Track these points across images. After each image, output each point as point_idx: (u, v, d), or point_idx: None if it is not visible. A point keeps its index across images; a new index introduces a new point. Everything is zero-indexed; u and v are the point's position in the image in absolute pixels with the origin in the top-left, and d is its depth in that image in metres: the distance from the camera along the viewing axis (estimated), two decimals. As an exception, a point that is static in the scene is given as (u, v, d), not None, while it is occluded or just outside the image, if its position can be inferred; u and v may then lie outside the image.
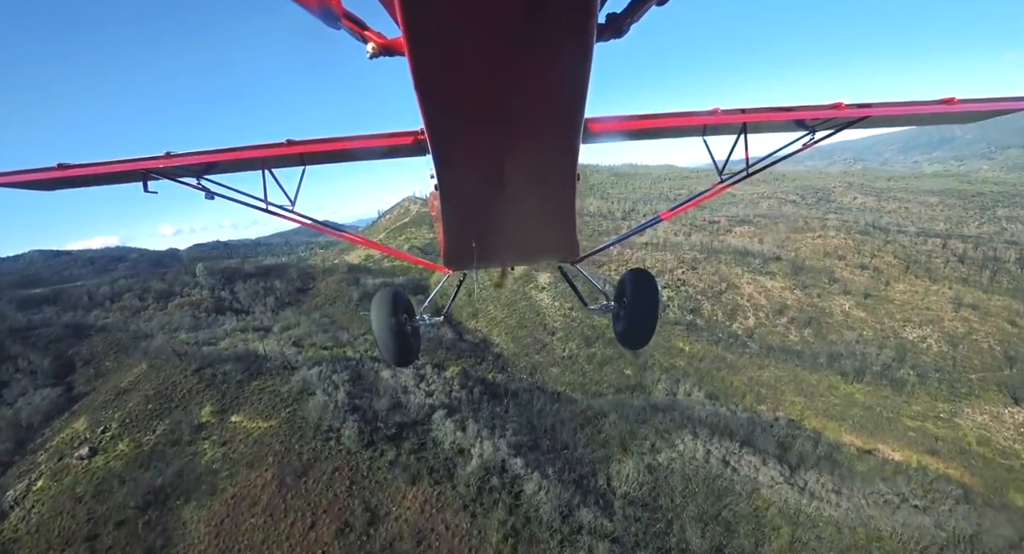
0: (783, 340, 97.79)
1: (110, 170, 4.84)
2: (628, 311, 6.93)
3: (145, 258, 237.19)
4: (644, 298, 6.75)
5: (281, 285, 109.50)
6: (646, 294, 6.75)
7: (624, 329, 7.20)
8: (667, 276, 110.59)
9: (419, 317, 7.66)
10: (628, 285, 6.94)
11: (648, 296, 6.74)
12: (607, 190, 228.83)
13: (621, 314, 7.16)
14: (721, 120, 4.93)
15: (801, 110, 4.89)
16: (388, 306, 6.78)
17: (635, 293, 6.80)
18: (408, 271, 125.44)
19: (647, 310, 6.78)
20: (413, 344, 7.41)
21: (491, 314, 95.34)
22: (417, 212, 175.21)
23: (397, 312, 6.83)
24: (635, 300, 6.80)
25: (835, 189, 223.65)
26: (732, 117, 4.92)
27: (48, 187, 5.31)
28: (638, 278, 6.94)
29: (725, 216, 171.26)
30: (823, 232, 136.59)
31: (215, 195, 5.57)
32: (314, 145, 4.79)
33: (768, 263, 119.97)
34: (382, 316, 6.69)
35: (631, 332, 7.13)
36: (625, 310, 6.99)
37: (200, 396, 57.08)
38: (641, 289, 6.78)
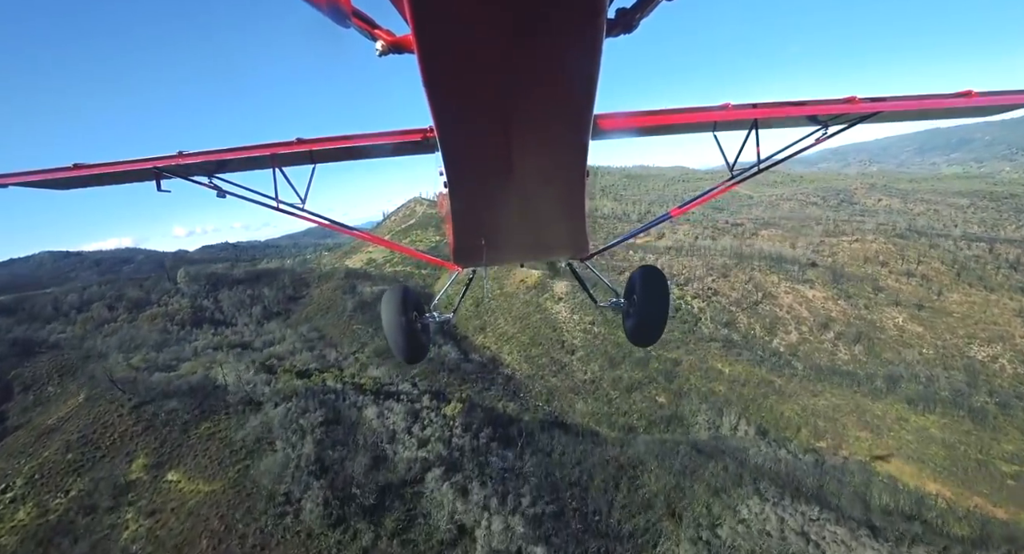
0: (832, 359, 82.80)
1: (124, 169, 4.74)
2: (638, 308, 6.37)
3: (151, 260, 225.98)
4: (654, 295, 6.24)
5: (270, 293, 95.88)
6: (656, 291, 6.24)
7: (634, 326, 6.53)
8: (696, 284, 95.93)
9: (429, 314, 6.80)
10: (638, 282, 6.40)
11: (658, 293, 6.24)
12: (620, 192, 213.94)
13: (631, 311, 6.56)
14: (732, 116, 4.64)
15: (813, 105, 4.54)
16: (398, 303, 6.21)
17: (645, 290, 6.29)
18: (411, 277, 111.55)
19: (657, 307, 6.23)
20: (423, 341, 6.59)
21: (501, 328, 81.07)
22: (423, 214, 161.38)
23: (407, 309, 6.23)
24: (645, 297, 6.29)
25: (857, 191, 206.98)
26: (743, 112, 4.60)
27: (64, 186, 5.25)
28: (648, 275, 6.38)
29: (748, 218, 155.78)
30: (860, 236, 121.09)
31: (227, 193, 5.42)
32: (324, 143, 4.64)
33: (804, 270, 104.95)
34: (392, 313, 6.17)
35: (641, 329, 6.47)
36: (635, 307, 6.42)
37: (134, 443, 43.42)
38: (651, 286, 6.27)
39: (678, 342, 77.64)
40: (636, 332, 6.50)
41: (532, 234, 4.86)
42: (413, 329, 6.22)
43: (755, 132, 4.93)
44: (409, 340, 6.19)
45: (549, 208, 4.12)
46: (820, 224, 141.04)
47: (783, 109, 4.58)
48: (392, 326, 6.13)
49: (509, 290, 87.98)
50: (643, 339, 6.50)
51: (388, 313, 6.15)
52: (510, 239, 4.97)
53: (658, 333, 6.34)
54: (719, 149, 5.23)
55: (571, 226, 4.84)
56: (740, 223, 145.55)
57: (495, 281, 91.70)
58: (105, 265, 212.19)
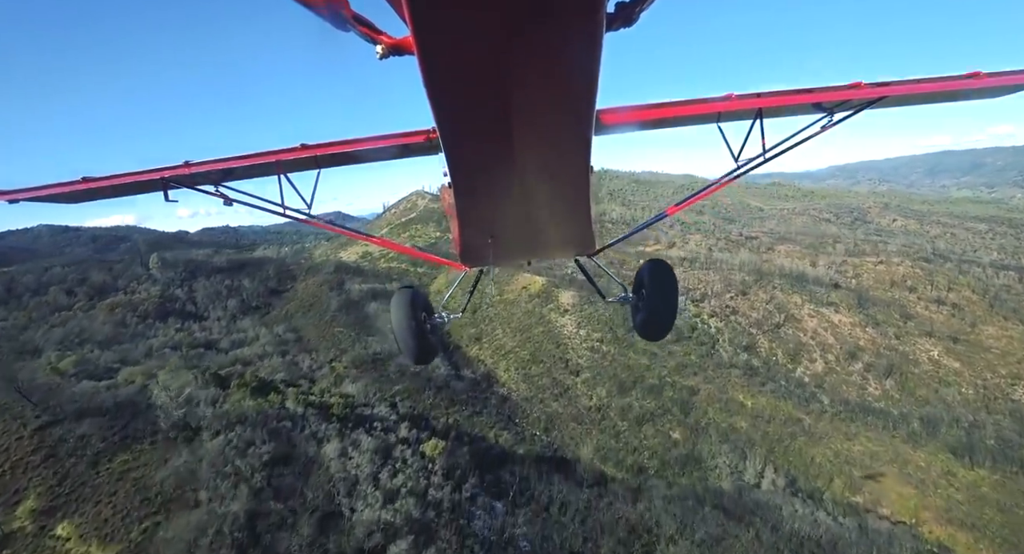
0: (861, 393, 72.79)
1: (132, 181, 4.69)
2: (647, 302, 6.20)
3: (147, 239, 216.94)
4: (663, 289, 6.05)
5: (251, 285, 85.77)
6: (665, 285, 6.05)
7: (643, 320, 6.35)
8: (713, 302, 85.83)
9: (438, 315, 6.80)
10: (647, 276, 6.24)
11: (667, 287, 6.06)
12: (628, 197, 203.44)
13: (640, 305, 6.37)
14: (736, 106, 4.44)
15: (818, 92, 4.36)
16: (408, 306, 6.15)
17: (654, 284, 6.10)
18: (405, 274, 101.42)
19: (666, 301, 6.06)
20: (432, 342, 6.54)
21: (498, 340, 70.93)
22: (425, 207, 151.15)
23: (416, 311, 6.18)
24: (654, 291, 6.10)
25: (871, 209, 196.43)
26: (747, 102, 4.40)
27: (74, 200, 5.21)
28: (656, 269, 6.20)
29: (761, 231, 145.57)
30: (885, 258, 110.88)
31: (233, 201, 5.32)
32: (328, 148, 4.57)
33: (828, 291, 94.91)
34: (402, 316, 6.10)
35: (650, 323, 6.30)
36: (644, 301, 6.25)
37: (27, 477, 33.46)
38: (660, 280, 6.08)
39: (695, 368, 67.54)
40: (645, 327, 6.23)
41: (539, 231, 4.61)
42: (423, 330, 6.08)
43: (760, 122, 4.63)
44: (419, 342, 6.03)
45: (555, 205, 3.93)
46: (839, 242, 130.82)
47: (788, 97, 4.38)
48: (402, 328, 5.96)
49: (510, 297, 77.80)
50: (653, 334, 6.25)
51: (398, 315, 5.96)
52: (517, 237, 4.70)
53: (668, 327, 6.10)
54: (723, 140, 5.01)
55: (577, 222, 4.51)
56: (755, 236, 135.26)
57: (496, 285, 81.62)
58: (101, 242, 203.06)
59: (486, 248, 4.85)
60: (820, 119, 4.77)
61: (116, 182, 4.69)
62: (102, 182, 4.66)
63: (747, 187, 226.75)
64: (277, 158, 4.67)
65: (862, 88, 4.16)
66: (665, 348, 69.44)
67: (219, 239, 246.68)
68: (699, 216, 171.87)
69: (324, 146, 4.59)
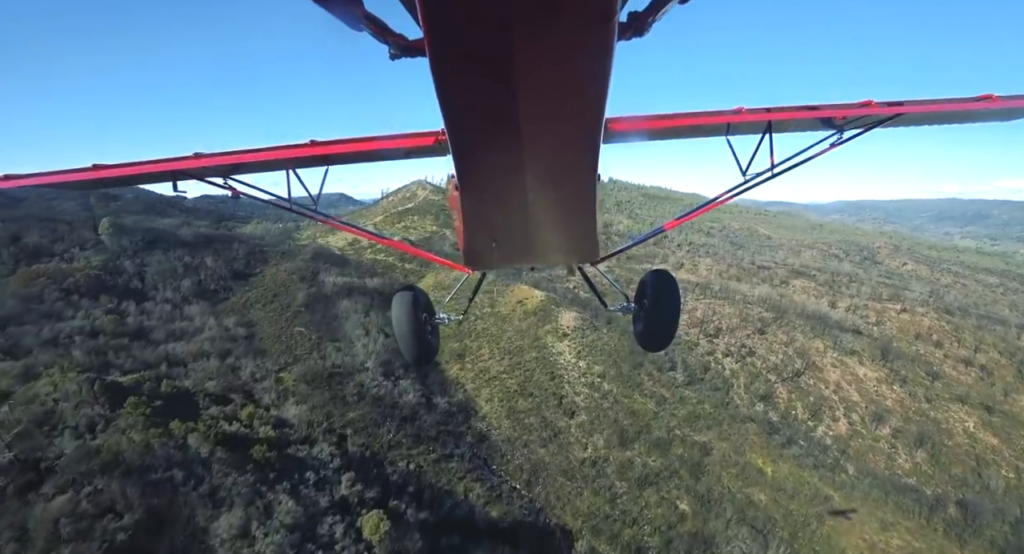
0: (890, 464, 61.78)
1: (142, 171, 4.55)
2: (648, 312, 5.97)
3: (141, 200, 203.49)
4: (665, 299, 5.79)
5: (213, 264, 73.51)
6: (667, 295, 5.80)
7: (644, 330, 6.13)
8: (728, 338, 74.58)
9: (439, 316, 6.63)
10: (649, 286, 5.99)
11: (669, 297, 5.80)
12: (635, 210, 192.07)
13: (641, 315, 6.16)
14: (745, 119, 4.26)
15: (829, 108, 4.19)
16: (409, 305, 5.96)
17: (656, 294, 5.86)
18: (391, 270, 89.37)
19: (668, 311, 5.80)
20: (432, 343, 6.42)
21: (483, 361, 59.10)
22: (425, 199, 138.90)
23: (418, 311, 6.01)
24: (656, 301, 5.85)
25: (880, 250, 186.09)
26: (757, 116, 4.22)
27: (85, 188, 5.11)
28: (659, 279, 5.96)
29: (773, 261, 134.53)
30: (908, 306, 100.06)
31: (241, 195, 5.26)
32: (337, 146, 4.40)
33: (849, 337, 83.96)
34: (403, 315, 5.94)
35: (651, 333, 6.08)
36: (645, 311, 6.02)
37: None
38: (662, 290, 5.83)
39: (709, 419, 56.08)
40: (646, 336, 6.07)
41: (543, 237, 4.33)
42: (423, 331, 5.96)
43: (769, 136, 4.49)
44: (420, 342, 5.93)
45: (560, 211, 3.81)
46: (854, 281, 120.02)
47: (798, 112, 4.20)
48: (403, 328, 5.85)
49: (502, 311, 65.99)
50: (653, 344, 6.08)
51: (399, 315, 5.84)
52: (521, 242, 4.44)
53: (669, 338, 5.94)
54: (732, 153, 4.80)
55: (582, 229, 4.41)
56: (767, 266, 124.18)
57: (487, 294, 69.84)
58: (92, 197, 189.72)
59: (490, 252, 4.74)
60: (830, 136, 4.60)
61: (126, 172, 4.49)
62: (112, 171, 4.44)
63: (756, 214, 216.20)
64: (286, 154, 4.47)
65: (873, 106, 3.94)
66: (676, 392, 57.98)
67: (218, 207, 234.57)
68: (708, 238, 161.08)
69: (334, 144, 4.35)
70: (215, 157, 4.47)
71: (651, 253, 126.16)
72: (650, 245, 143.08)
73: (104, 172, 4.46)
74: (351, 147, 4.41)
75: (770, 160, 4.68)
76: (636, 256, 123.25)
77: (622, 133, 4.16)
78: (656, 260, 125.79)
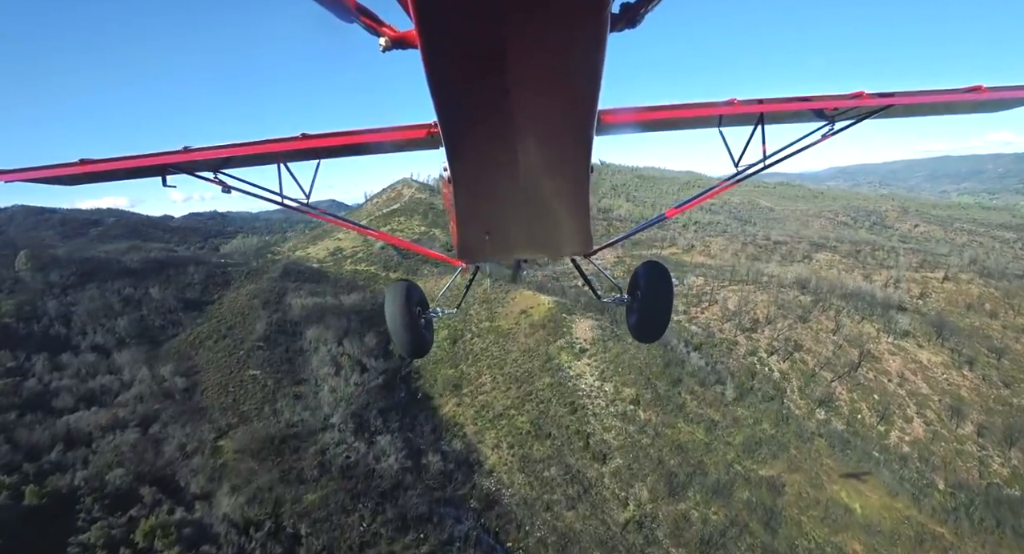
0: (984, 472, 49.27)
1: (130, 165, 4.35)
2: (641, 303, 5.71)
3: (123, 224, 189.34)
4: (658, 291, 5.59)
5: (160, 295, 60.09)
6: (660, 287, 5.59)
7: (637, 322, 5.84)
8: (768, 332, 61.65)
9: (432, 310, 6.33)
10: (642, 278, 5.76)
11: (662, 289, 5.58)
12: (632, 192, 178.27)
13: (634, 306, 5.88)
14: (738, 110, 4.13)
15: (821, 100, 4.03)
16: (403, 299, 5.68)
17: (649, 285, 5.64)
18: (374, 281, 75.89)
19: (660, 303, 5.57)
20: (426, 336, 6.08)
21: (485, 393, 45.99)
22: (411, 198, 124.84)
23: (411, 305, 5.72)
24: (649, 293, 5.64)
25: (888, 213, 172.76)
26: (749, 107, 4.08)
27: (71, 182, 4.80)
28: (652, 271, 5.75)
29: (788, 235, 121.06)
30: (950, 273, 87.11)
31: (231, 189, 4.90)
32: (329, 139, 4.22)
33: (897, 316, 71.27)
34: (397, 309, 5.64)
35: (644, 325, 5.78)
36: (638, 302, 5.76)
37: None
38: (654, 281, 5.63)
39: (772, 444, 43.25)
40: (639, 328, 5.78)
41: (537, 229, 4.24)
42: (417, 325, 5.78)
43: (761, 128, 4.31)
44: (414, 336, 5.74)
45: (553, 203, 3.68)
46: (878, 250, 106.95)
47: (790, 104, 4.13)
48: (396, 321, 5.63)
49: (503, 326, 52.78)
50: (646, 335, 5.77)
51: (393, 308, 5.61)
52: (514, 234, 4.35)
53: (662, 329, 5.66)
54: (724, 145, 4.65)
55: (575, 221, 4.19)
56: (783, 241, 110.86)
57: (484, 305, 56.72)
58: (70, 226, 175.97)
59: (483, 244, 4.54)
60: (821, 127, 4.41)
61: (114, 166, 4.25)
62: (100, 165, 4.19)
63: (755, 187, 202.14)
64: (278, 148, 4.27)
65: (864, 98, 3.78)
66: (727, 411, 45.09)
67: (204, 225, 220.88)
68: (714, 216, 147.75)
69: (325, 137, 4.18)
70: (205, 151, 4.19)
71: (659, 237, 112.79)
72: (654, 227, 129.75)
73: (91, 166, 4.17)
74: (342, 140, 4.21)
75: (762, 151, 4.46)
76: (643, 241, 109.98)
77: (615, 125, 3.96)
78: (664, 243, 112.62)
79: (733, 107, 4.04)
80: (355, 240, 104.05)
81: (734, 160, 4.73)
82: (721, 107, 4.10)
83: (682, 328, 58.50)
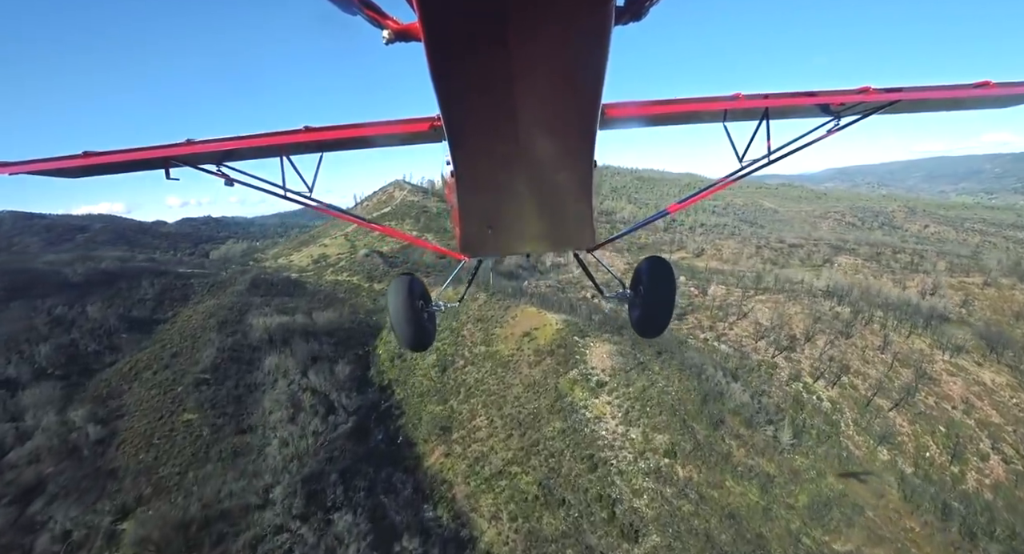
0: (1087, 524, 39.87)
1: (133, 158, 4.17)
2: (644, 299, 5.42)
3: (110, 230, 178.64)
4: (660, 286, 5.29)
5: (101, 314, 49.84)
6: (662, 282, 5.29)
7: (639, 317, 5.52)
8: (809, 351, 51.89)
9: (435, 303, 6.02)
10: (644, 273, 5.45)
11: (664, 284, 5.28)
12: (633, 194, 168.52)
13: (637, 302, 5.57)
14: (743, 105, 3.91)
15: (826, 95, 3.85)
16: (405, 292, 5.47)
17: (651, 281, 5.32)
18: (356, 294, 65.69)
19: (663, 298, 5.30)
20: (429, 329, 5.82)
21: (480, 441, 35.77)
22: (403, 201, 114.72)
23: (414, 298, 5.52)
24: (651, 288, 5.33)
25: (896, 213, 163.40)
26: (754, 102, 3.88)
27: (74, 174, 4.62)
28: (654, 266, 5.43)
29: (804, 238, 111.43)
30: (987, 277, 77.67)
31: (234, 181, 4.68)
32: (332, 132, 4.04)
33: (945, 328, 61.69)
34: (399, 302, 5.42)
35: (646, 320, 5.49)
36: (641, 298, 5.47)
37: None
38: (657, 277, 5.32)
39: (841, 502, 33.16)
40: (642, 323, 5.51)
41: (540, 223, 4.08)
42: (420, 318, 5.57)
43: (766, 123, 4.13)
44: (416, 329, 5.49)
45: (557, 196, 3.57)
46: (899, 252, 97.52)
47: (795, 99, 3.89)
48: (399, 314, 5.45)
49: (502, 350, 42.68)
50: (648, 330, 5.48)
51: (395, 302, 5.43)
52: (518, 228, 4.15)
53: (664, 324, 5.40)
54: (729, 139, 4.37)
55: (579, 215, 3.99)
56: (799, 244, 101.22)
57: (478, 323, 46.70)
58: (56, 232, 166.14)
59: (486, 238, 4.32)
60: (827, 123, 4.22)
61: (117, 158, 4.10)
62: (103, 158, 4.06)
63: (758, 188, 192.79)
64: (280, 140, 4.13)
65: (871, 93, 3.66)
66: (783, 460, 35.13)
67: (197, 230, 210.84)
68: (719, 217, 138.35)
69: (328, 130, 4.03)
70: (208, 143, 4.05)
71: (666, 240, 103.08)
72: (660, 231, 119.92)
73: (95, 159, 4.07)
74: (345, 133, 4.05)
75: (767, 146, 4.27)
76: (650, 245, 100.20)
77: (619, 119, 3.90)
78: (673, 247, 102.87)
79: (738, 102, 3.81)
80: (341, 246, 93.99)
81: (738, 155, 4.41)
82: (726, 102, 3.85)
83: (711, 348, 48.55)
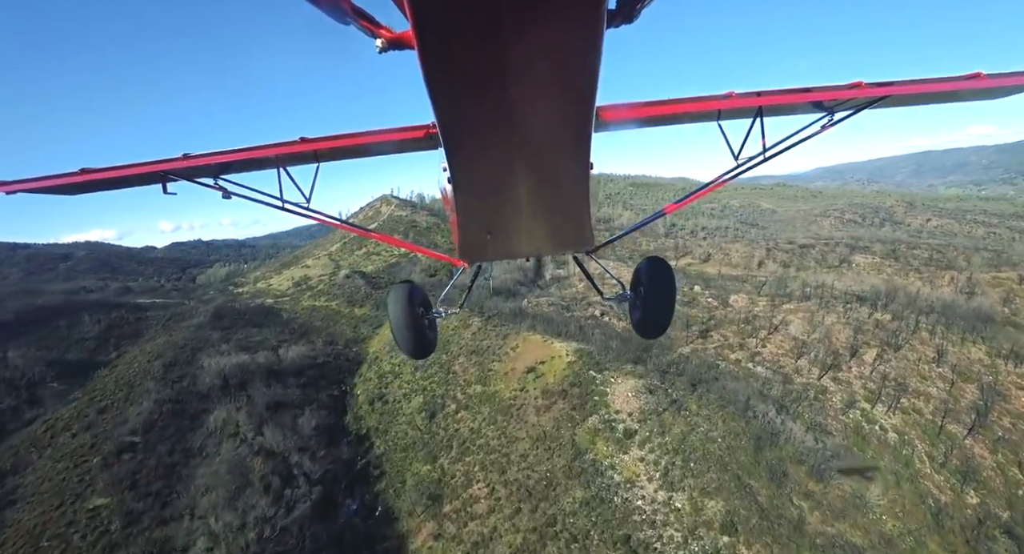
0: None
1: (130, 173, 4.10)
2: (644, 300, 5.29)
3: (93, 257, 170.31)
4: (661, 286, 5.14)
5: (23, 360, 41.15)
6: (662, 282, 5.14)
7: (640, 318, 5.39)
8: (857, 369, 43.97)
9: (436, 310, 5.87)
10: (644, 274, 5.32)
11: (664, 284, 5.13)
12: (628, 200, 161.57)
13: (637, 303, 5.44)
14: (736, 104, 3.86)
15: (819, 91, 3.78)
16: (405, 299, 5.23)
17: (651, 282, 5.19)
18: (334, 321, 57.18)
19: (664, 299, 5.16)
20: (430, 337, 5.68)
21: (479, 516, 27.25)
22: (390, 216, 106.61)
23: (414, 306, 5.32)
24: (651, 289, 5.19)
25: (896, 208, 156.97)
26: (747, 100, 3.83)
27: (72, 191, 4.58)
28: (654, 267, 5.30)
29: (814, 238, 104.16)
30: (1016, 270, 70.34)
31: (232, 194, 4.56)
32: (328, 142, 4.01)
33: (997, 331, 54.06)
34: (400, 310, 5.19)
35: (647, 320, 5.35)
36: (641, 299, 5.34)
37: None
38: (657, 278, 5.18)
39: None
40: (642, 324, 5.38)
41: (537, 227, 4.04)
42: (421, 325, 5.37)
43: (760, 121, 4.04)
44: (417, 336, 5.31)
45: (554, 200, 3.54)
46: (914, 249, 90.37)
47: (788, 96, 3.81)
48: (400, 323, 5.22)
49: (502, 391, 34.21)
50: (650, 331, 5.35)
51: (396, 309, 5.20)
52: (515, 232, 4.12)
53: (665, 325, 5.26)
54: (724, 138, 4.30)
55: (576, 218, 4.00)
56: (810, 245, 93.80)
57: (472, 356, 38.45)
58: (37, 262, 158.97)
59: (484, 243, 4.29)
60: (820, 119, 4.14)
61: (114, 174, 4.07)
62: (100, 174, 4.02)
63: (754, 188, 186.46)
64: (276, 152, 4.08)
65: (863, 88, 3.61)
66: (870, 525, 26.85)
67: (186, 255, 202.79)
68: (719, 220, 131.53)
69: (323, 140, 3.99)
70: (204, 157, 4.02)
71: (669, 245, 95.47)
72: (661, 237, 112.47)
73: (92, 175, 4.04)
74: (341, 142, 4.03)
75: (762, 143, 4.19)
76: (653, 252, 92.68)
77: (613, 121, 3.78)
78: (678, 253, 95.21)
79: (732, 100, 3.77)
80: (324, 267, 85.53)
81: (734, 154, 4.36)
82: (720, 101, 3.81)
83: (747, 371, 40.36)
